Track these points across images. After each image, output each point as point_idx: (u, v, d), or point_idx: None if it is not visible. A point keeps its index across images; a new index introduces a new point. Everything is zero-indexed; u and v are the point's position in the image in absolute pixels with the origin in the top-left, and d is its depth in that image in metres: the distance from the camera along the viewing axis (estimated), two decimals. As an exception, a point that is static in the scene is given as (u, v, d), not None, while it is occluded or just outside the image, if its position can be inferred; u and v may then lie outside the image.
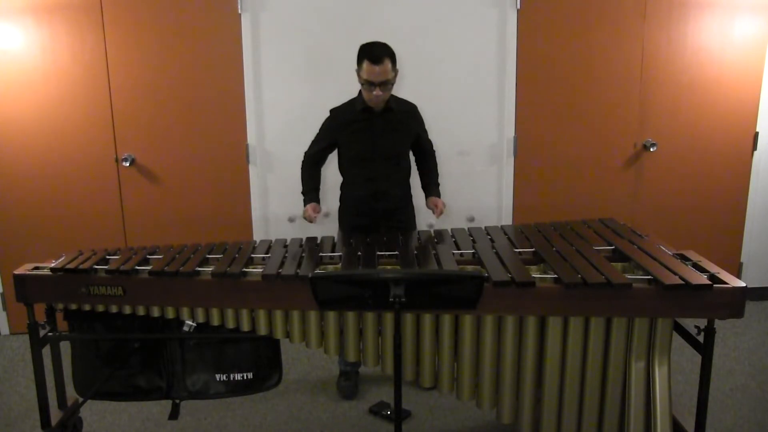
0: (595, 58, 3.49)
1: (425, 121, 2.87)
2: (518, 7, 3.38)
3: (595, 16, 3.44)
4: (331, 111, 2.79)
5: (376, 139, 2.72)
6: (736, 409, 2.80)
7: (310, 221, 2.71)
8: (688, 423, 2.24)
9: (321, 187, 2.83)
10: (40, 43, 3.26)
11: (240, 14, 3.31)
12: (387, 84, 2.57)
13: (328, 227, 3.13)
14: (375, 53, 2.52)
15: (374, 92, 2.57)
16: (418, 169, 2.93)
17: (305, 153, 2.84)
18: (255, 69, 3.38)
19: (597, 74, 3.51)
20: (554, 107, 3.54)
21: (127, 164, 3.41)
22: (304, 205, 2.75)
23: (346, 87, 3.44)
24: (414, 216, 2.93)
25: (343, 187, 2.88)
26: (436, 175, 2.91)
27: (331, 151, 2.84)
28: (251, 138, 3.46)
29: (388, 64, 2.53)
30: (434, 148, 2.92)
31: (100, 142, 3.41)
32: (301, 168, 2.83)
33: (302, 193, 2.80)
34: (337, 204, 2.90)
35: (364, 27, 3.36)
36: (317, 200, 2.77)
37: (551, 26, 3.44)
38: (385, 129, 2.71)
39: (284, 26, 3.35)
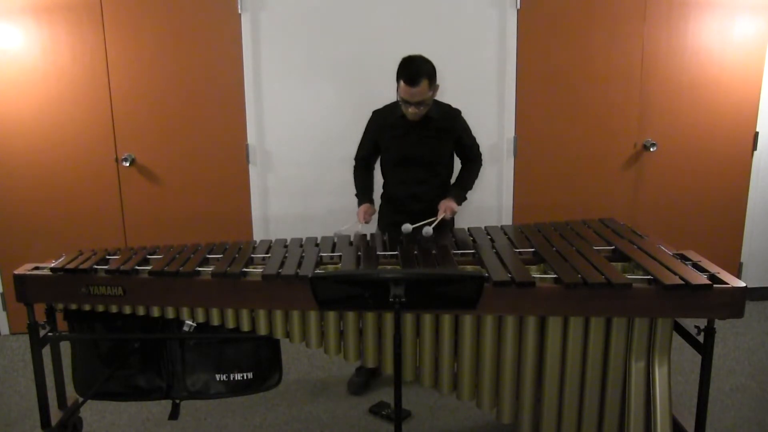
0: (595, 58, 3.49)
1: None
2: (518, 7, 3.38)
3: (595, 16, 3.44)
4: (373, 113, 2.82)
5: (413, 146, 2.74)
6: (736, 409, 2.80)
7: (365, 222, 2.74)
8: (688, 423, 2.24)
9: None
10: (40, 43, 3.26)
11: (240, 14, 3.31)
12: (423, 103, 2.57)
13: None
14: (412, 74, 2.49)
15: (410, 109, 2.58)
16: (460, 170, 2.94)
17: (354, 158, 2.90)
18: (255, 69, 3.38)
19: (597, 74, 3.51)
20: (554, 107, 3.54)
21: (127, 164, 3.41)
22: (358, 207, 2.81)
23: (346, 87, 3.45)
24: (452, 217, 2.92)
25: (384, 186, 2.92)
26: (469, 180, 2.89)
27: (378, 153, 2.87)
28: (251, 138, 3.46)
29: (425, 84, 2.50)
30: (480, 151, 2.92)
31: (100, 142, 3.41)
32: (353, 173, 2.89)
33: (355, 195, 2.86)
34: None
35: (363, 27, 3.37)
36: (370, 201, 2.81)
37: (551, 26, 3.44)
38: (423, 137, 2.72)
39: (284, 26, 3.35)
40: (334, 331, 2.19)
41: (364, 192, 2.86)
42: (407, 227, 2.54)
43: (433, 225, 2.56)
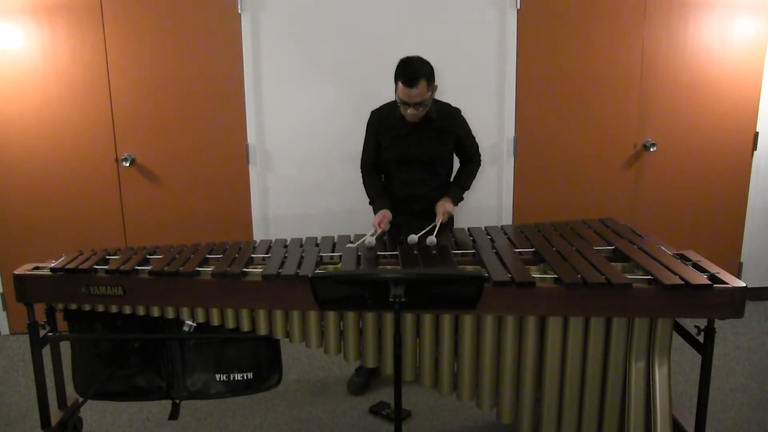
0: (595, 58, 3.49)
1: None
2: (518, 7, 3.38)
3: (595, 16, 3.44)
4: (372, 113, 2.81)
5: (413, 146, 2.73)
6: (736, 409, 2.80)
7: (383, 230, 2.63)
8: (688, 423, 2.24)
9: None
10: (40, 43, 3.26)
11: (240, 14, 3.31)
12: (422, 104, 2.56)
13: (357, 227, 3.00)
14: (410, 75, 2.48)
15: (409, 111, 2.58)
16: (458, 170, 2.94)
17: (361, 166, 2.87)
18: (255, 69, 3.38)
19: (597, 74, 3.51)
20: (554, 107, 3.54)
21: (127, 164, 3.40)
22: (374, 214, 2.73)
23: (346, 87, 3.45)
24: (452, 218, 2.91)
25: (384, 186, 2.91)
26: (467, 180, 2.88)
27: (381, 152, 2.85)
28: (251, 138, 3.46)
29: (423, 85, 2.49)
30: (480, 151, 2.91)
31: (100, 142, 3.41)
32: (363, 182, 2.86)
33: (369, 203, 2.82)
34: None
35: (363, 27, 3.37)
36: (386, 206, 2.73)
37: (551, 26, 3.45)
38: (422, 137, 2.72)
39: (284, 26, 3.35)
40: (334, 331, 2.19)
41: (378, 197, 2.80)
42: (413, 238, 2.47)
43: (435, 233, 2.52)
